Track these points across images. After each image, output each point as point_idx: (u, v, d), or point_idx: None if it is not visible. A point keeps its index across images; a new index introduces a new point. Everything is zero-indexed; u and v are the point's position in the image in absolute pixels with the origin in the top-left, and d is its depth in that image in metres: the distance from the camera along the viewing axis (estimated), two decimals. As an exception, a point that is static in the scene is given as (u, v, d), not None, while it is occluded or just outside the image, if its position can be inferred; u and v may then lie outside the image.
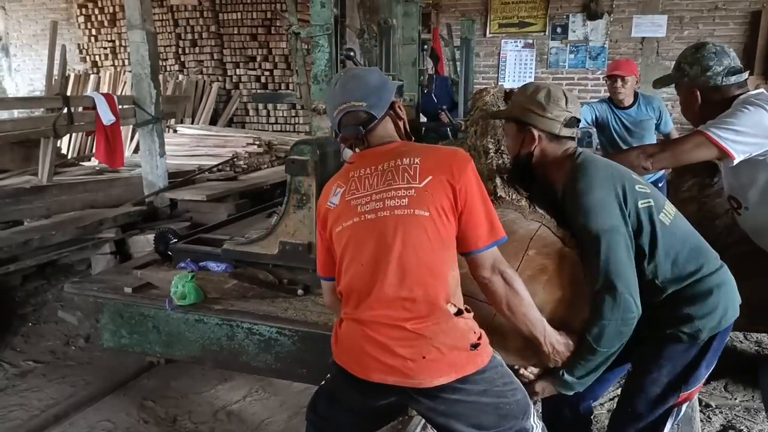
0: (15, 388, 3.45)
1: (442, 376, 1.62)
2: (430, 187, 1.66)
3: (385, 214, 1.67)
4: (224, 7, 8.67)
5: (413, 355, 1.62)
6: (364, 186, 1.74)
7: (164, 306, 2.73)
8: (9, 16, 10.50)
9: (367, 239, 1.69)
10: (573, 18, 7.85)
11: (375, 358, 1.67)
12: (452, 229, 1.67)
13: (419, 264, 1.63)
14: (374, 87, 1.82)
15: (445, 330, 1.64)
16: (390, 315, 1.65)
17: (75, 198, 4.87)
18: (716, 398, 3.16)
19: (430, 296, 1.64)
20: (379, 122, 1.81)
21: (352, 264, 1.71)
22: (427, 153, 1.75)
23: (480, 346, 1.67)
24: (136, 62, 5.05)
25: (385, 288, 1.65)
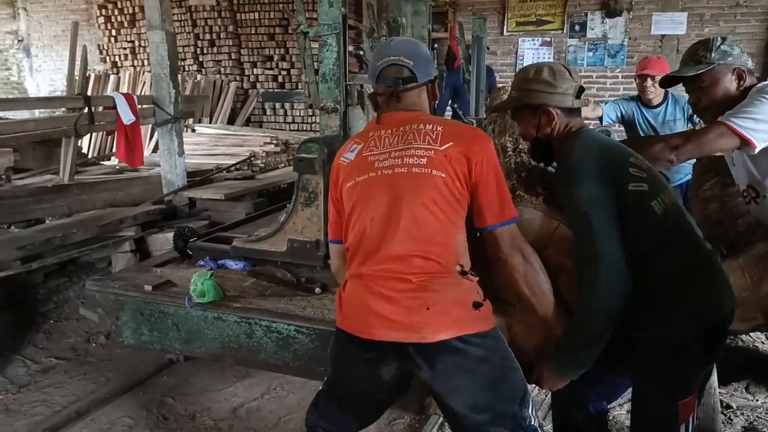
0: (37, 384, 3.50)
1: (443, 330, 1.64)
2: (450, 152, 1.71)
3: (402, 170, 1.71)
4: (242, 7, 8.72)
5: (418, 307, 1.65)
6: (383, 144, 1.78)
7: (184, 304, 2.76)
8: (30, 17, 10.64)
9: (381, 194, 1.72)
10: (591, 15, 7.78)
11: (379, 313, 1.69)
12: (465, 197, 1.71)
13: (432, 222, 1.67)
14: (425, 55, 1.91)
15: (450, 284, 1.68)
16: (397, 269, 1.68)
17: (96, 197, 4.93)
18: (738, 399, 3.13)
19: (439, 254, 1.67)
20: (417, 86, 1.85)
21: (361, 218, 1.74)
22: (449, 124, 1.83)
23: (483, 308, 1.70)
24: (155, 62, 5.09)
25: (395, 243, 1.69)
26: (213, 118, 8.56)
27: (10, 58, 10.93)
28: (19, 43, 10.78)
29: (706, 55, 2.31)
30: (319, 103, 2.81)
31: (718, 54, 2.29)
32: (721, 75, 2.31)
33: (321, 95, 2.81)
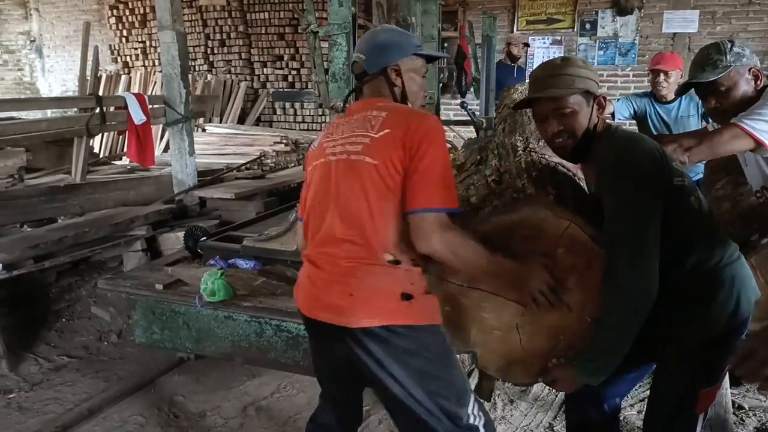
0: (50, 382, 3.53)
1: (365, 318, 1.66)
2: (385, 139, 1.71)
3: (342, 157, 1.76)
4: (252, 7, 8.74)
5: (342, 292, 1.69)
6: (338, 132, 1.83)
7: (194, 303, 2.77)
8: (42, 17, 10.72)
9: (325, 179, 1.79)
10: (602, 14, 7.74)
11: (315, 295, 1.77)
12: (400, 183, 1.69)
13: (361, 208, 1.69)
14: (377, 44, 1.89)
15: (376, 272, 1.69)
16: (331, 252, 1.74)
17: (107, 196, 4.96)
18: (750, 400, 3.10)
19: (367, 240, 1.69)
20: (371, 79, 1.88)
21: (310, 201, 1.84)
22: (397, 111, 1.80)
23: (415, 301, 1.68)
24: (166, 62, 5.12)
25: (331, 227, 1.75)
26: (223, 117, 8.59)
27: (23, 59, 11.02)
28: (32, 44, 10.87)
29: (722, 59, 2.29)
30: (329, 102, 2.81)
31: (733, 56, 2.27)
32: (739, 77, 2.29)
33: (331, 94, 2.82)
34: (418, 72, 1.94)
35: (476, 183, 2.08)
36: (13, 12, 10.85)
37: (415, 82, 1.93)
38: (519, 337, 1.88)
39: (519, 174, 1.95)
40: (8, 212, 4.31)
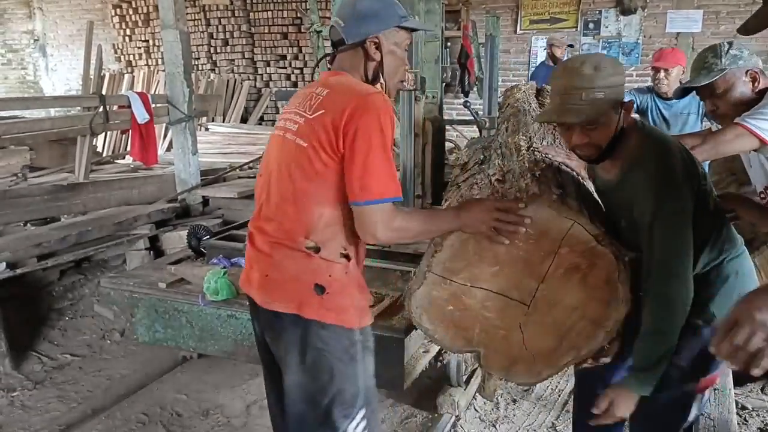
0: (53, 380, 3.54)
1: (276, 301, 1.67)
2: (318, 121, 1.63)
3: (280, 134, 1.74)
4: (255, 6, 8.76)
5: (261, 272, 1.70)
6: (291, 104, 1.79)
7: (197, 301, 2.77)
8: (46, 17, 10.74)
9: (267, 153, 1.80)
10: (606, 13, 7.73)
11: (246, 270, 1.80)
12: (332, 167, 1.61)
13: (287, 190, 1.67)
14: (358, 11, 1.73)
15: (292, 257, 1.66)
16: (262, 228, 1.74)
17: (110, 195, 4.97)
18: (753, 400, 3.10)
19: (288, 223, 1.67)
20: (348, 48, 1.74)
21: (259, 174, 1.84)
22: (336, 90, 1.68)
23: (328, 294, 1.64)
24: (169, 61, 5.13)
25: (265, 204, 1.75)
26: (226, 117, 8.60)
27: (26, 58, 11.04)
28: (35, 43, 10.89)
29: (717, 62, 2.30)
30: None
31: (728, 59, 2.27)
32: (735, 79, 2.29)
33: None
34: (400, 46, 1.80)
35: (480, 182, 2.07)
36: (16, 11, 10.88)
37: (396, 56, 1.79)
38: (522, 336, 1.88)
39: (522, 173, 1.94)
40: (12, 211, 4.33)
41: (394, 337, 2.33)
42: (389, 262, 2.80)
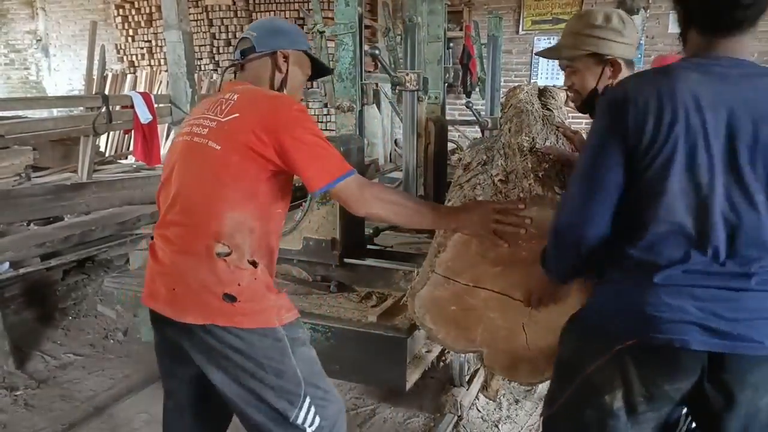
0: (56, 380, 3.54)
1: (189, 315, 1.64)
2: (232, 125, 1.65)
3: (187, 138, 1.72)
4: (258, 6, 8.76)
5: (167, 285, 1.67)
6: (198, 111, 1.79)
7: (200, 301, 2.78)
8: (49, 17, 10.77)
9: (170, 159, 1.77)
10: (608, 14, 7.74)
11: (148, 283, 1.75)
12: (246, 171, 1.63)
13: (195, 194, 1.66)
14: (272, 27, 1.88)
15: (199, 268, 1.63)
16: (165, 236, 1.70)
17: (113, 195, 4.97)
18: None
19: (195, 227, 1.65)
20: (256, 58, 1.84)
21: (161, 182, 1.80)
22: (248, 94, 1.74)
23: (238, 303, 1.63)
24: (172, 62, 5.14)
25: (168, 209, 1.71)
26: (228, 117, 8.61)
27: (29, 58, 11.07)
28: (38, 43, 10.91)
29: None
30: (335, 102, 2.82)
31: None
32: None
33: (337, 94, 2.83)
34: (302, 69, 1.92)
35: (482, 183, 2.08)
36: (19, 11, 10.90)
37: (297, 77, 1.91)
38: (525, 336, 1.89)
39: (525, 174, 1.95)
40: (15, 210, 4.33)
41: (396, 337, 2.33)
42: (392, 262, 2.81)
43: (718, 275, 1.33)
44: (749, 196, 1.30)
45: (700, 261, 1.33)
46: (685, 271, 1.34)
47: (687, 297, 1.34)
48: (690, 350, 1.33)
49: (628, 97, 1.36)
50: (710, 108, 1.30)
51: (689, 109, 1.30)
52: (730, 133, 1.30)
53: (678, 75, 1.35)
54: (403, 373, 2.40)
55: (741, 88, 1.32)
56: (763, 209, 1.31)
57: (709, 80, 1.33)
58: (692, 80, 1.33)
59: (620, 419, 1.41)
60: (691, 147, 1.30)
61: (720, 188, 1.31)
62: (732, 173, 1.31)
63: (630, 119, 1.34)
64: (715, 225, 1.31)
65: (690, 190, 1.32)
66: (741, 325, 1.32)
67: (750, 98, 1.31)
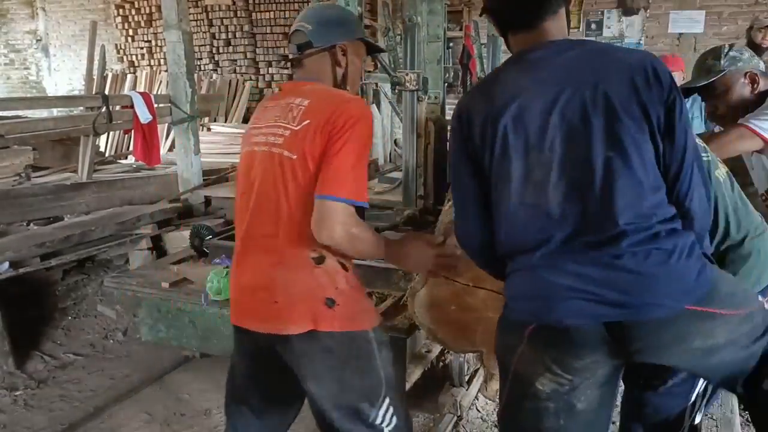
0: (56, 379, 3.55)
1: (293, 325, 1.65)
2: (303, 131, 1.63)
3: (264, 149, 1.70)
4: (257, 6, 8.77)
5: (267, 300, 1.66)
6: (265, 117, 1.77)
7: (200, 301, 2.78)
8: (49, 17, 10.76)
9: (247, 170, 1.74)
10: (608, 14, 7.74)
11: (242, 303, 1.75)
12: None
13: (281, 204, 1.65)
14: (326, 16, 1.81)
15: (299, 277, 1.65)
16: (258, 251, 1.70)
17: (113, 195, 4.98)
18: (755, 401, 3.09)
19: (288, 238, 1.65)
20: (314, 53, 1.78)
21: (237, 195, 1.79)
22: (318, 97, 1.71)
23: (339, 305, 1.65)
24: (172, 61, 5.13)
25: (251, 223, 1.71)
26: (228, 117, 8.61)
27: (29, 58, 11.06)
28: (38, 43, 10.91)
29: (716, 63, 2.32)
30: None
31: (728, 61, 2.30)
32: (733, 81, 2.31)
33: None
34: (359, 57, 1.88)
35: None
36: (19, 11, 10.90)
37: (357, 66, 1.87)
38: (525, 336, 1.89)
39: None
40: (15, 210, 4.33)
41: (396, 337, 2.33)
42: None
43: (587, 246, 1.34)
44: (589, 161, 1.34)
45: (563, 237, 1.35)
46: (555, 249, 1.36)
47: (566, 274, 1.34)
48: (580, 327, 1.34)
49: (460, 109, 1.51)
50: (535, 92, 1.39)
51: (511, 101, 1.39)
52: (560, 106, 1.36)
53: (499, 76, 1.52)
54: (402, 373, 2.40)
55: (558, 62, 1.41)
56: (600, 168, 1.33)
57: (527, 68, 1.44)
58: (512, 74, 1.46)
59: (557, 399, 1.42)
60: (521, 134, 1.38)
61: (557, 165, 1.36)
62: (569, 143, 1.35)
63: (464, 128, 1.46)
64: (562, 200, 1.35)
65: (530, 174, 1.38)
66: (625, 289, 1.31)
67: (573, 67, 1.40)
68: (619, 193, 1.32)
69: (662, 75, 1.36)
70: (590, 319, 1.33)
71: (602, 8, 7.75)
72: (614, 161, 1.32)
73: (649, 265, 1.31)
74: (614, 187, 1.32)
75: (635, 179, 1.33)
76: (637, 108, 1.34)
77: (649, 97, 1.34)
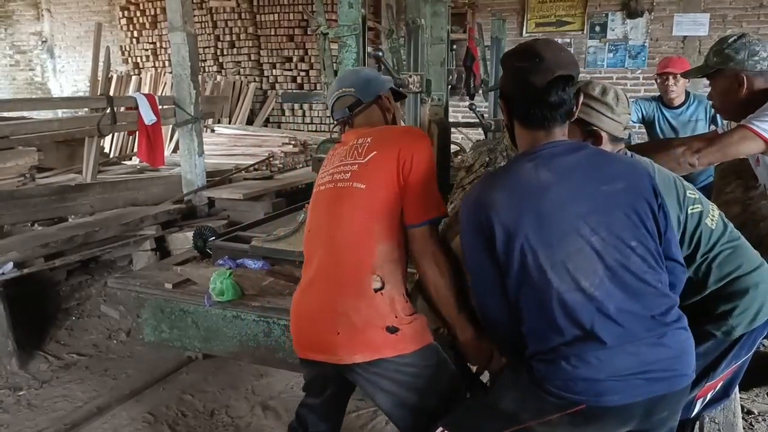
0: (59, 380, 3.55)
1: (357, 354, 1.70)
2: (372, 163, 1.76)
3: (330, 186, 1.82)
4: (262, 8, 8.77)
5: (330, 331, 1.72)
6: (331, 162, 1.89)
7: (203, 302, 2.79)
8: (54, 18, 10.80)
9: (316, 208, 1.86)
10: (612, 16, 7.71)
11: (306, 336, 1.83)
12: (392, 203, 1.74)
13: (347, 234, 1.74)
14: (363, 77, 2.03)
15: (361, 306, 1.71)
16: (321, 282, 1.78)
17: (117, 196, 4.99)
18: (759, 405, 3.08)
19: (351, 264, 1.73)
20: (365, 108, 1.97)
21: (306, 230, 1.92)
22: (380, 133, 1.88)
23: (400, 332, 1.71)
24: (176, 63, 5.15)
25: (319, 257, 1.80)
26: (232, 118, 8.62)
27: (34, 59, 11.09)
28: (43, 44, 10.94)
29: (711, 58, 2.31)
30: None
31: (720, 58, 2.27)
32: (723, 79, 2.30)
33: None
34: (393, 104, 2.09)
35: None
36: (25, 13, 10.94)
37: (397, 109, 2.10)
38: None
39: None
40: (19, 211, 4.35)
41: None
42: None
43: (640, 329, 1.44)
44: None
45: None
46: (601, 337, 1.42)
47: (621, 356, 1.42)
48: (635, 402, 1.42)
49: (476, 203, 1.57)
50: (549, 191, 1.49)
51: (527, 203, 1.48)
52: (571, 204, 1.48)
53: (514, 171, 1.57)
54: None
55: (569, 163, 1.53)
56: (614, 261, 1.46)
57: (540, 164, 1.53)
58: (528, 169, 1.53)
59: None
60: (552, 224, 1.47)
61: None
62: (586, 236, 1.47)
63: (483, 220, 1.51)
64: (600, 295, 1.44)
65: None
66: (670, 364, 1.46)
67: (580, 169, 1.53)
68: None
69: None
70: (643, 395, 1.43)
71: (606, 11, 7.72)
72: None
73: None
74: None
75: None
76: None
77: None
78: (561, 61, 1.54)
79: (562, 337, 1.44)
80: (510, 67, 1.61)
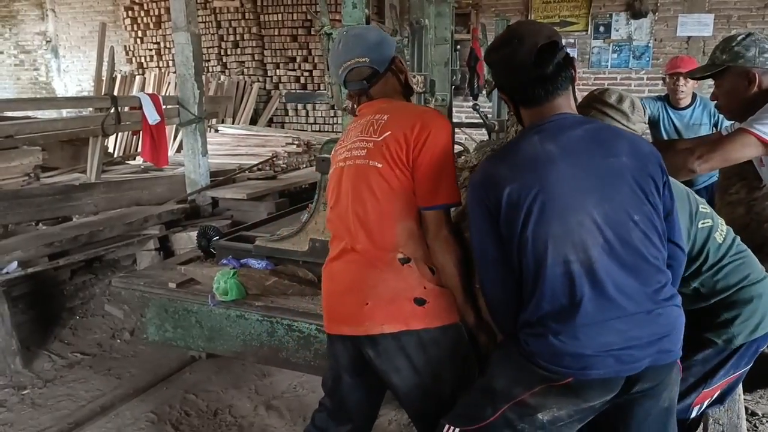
0: (63, 379, 3.56)
1: (385, 325, 1.72)
2: (387, 142, 1.75)
3: (349, 163, 1.82)
4: (265, 8, 8.78)
5: (358, 302, 1.74)
6: (348, 137, 1.89)
7: (207, 301, 2.79)
8: (58, 18, 10.82)
9: (336, 185, 1.86)
10: (616, 17, 7.70)
11: (330, 308, 1.85)
12: (407, 182, 1.74)
13: (368, 211, 1.75)
14: (374, 43, 1.90)
15: (387, 277, 1.73)
16: (350, 257, 1.80)
17: (121, 195, 5.00)
18: (763, 407, 3.08)
19: (375, 242, 1.75)
20: (381, 76, 1.90)
21: (328, 210, 1.91)
22: (398, 110, 1.85)
23: (428, 304, 1.73)
24: (180, 63, 5.16)
25: (344, 231, 1.81)
26: (236, 118, 8.63)
27: (39, 59, 11.12)
28: (48, 44, 10.97)
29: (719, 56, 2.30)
30: (342, 104, 2.82)
31: (730, 55, 2.26)
32: (732, 77, 2.28)
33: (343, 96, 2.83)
34: (404, 63, 2.01)
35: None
36: (29, 12, 10.96)
37: (404, 64, 2.01)
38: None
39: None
40: (24, 210, 4.36)
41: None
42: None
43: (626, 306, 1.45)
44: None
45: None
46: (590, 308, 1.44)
47: (608, 331, 1.44)
48: (619, 376, 1.46)
49: (482, 178, 1.58)
50: (555, 164, 1.49)
51: (532, 175, 1.49)
52: (575, 177, 1.48)
53: (520, 144, 1.57)
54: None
55: (573, 136, 1.52)
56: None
57: (546, 137, 1.52)
58: (534, 141, 1.53)
59: (548, 428, 1.52)
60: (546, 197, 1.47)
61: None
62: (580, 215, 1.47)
63: (489, 191, 1.52)
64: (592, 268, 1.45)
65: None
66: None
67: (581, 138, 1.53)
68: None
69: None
70: (627, 371, 1.46)
71: (610, 11, 7.71)
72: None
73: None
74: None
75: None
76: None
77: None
78: (540, 33, 1.55)
79: (551, 307, 1.46)
80: (495, 59, 1.62)
